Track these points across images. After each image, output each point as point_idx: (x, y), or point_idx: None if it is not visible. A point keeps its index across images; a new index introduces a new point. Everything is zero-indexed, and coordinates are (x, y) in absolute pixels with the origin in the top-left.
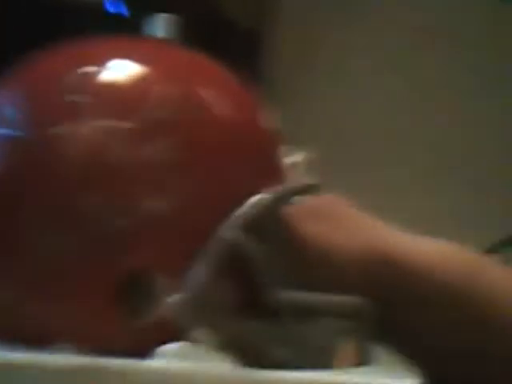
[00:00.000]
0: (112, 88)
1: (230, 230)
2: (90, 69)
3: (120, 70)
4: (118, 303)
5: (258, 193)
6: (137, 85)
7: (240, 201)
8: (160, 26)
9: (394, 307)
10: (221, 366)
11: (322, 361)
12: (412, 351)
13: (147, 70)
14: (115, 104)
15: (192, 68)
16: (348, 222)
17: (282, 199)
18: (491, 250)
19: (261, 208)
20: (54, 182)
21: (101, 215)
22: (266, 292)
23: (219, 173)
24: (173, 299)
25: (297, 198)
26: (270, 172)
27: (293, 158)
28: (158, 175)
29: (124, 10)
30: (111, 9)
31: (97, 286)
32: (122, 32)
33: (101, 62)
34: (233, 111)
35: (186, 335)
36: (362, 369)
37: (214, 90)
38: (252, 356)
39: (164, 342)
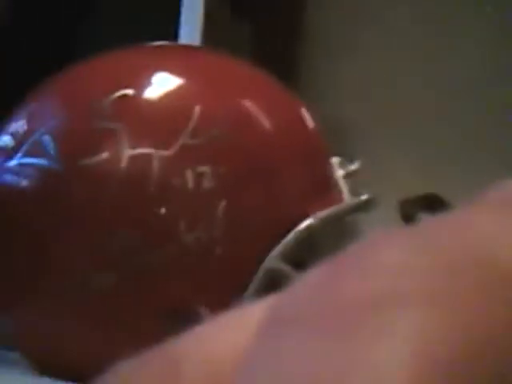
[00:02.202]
0: (148, 113)
1: (275, 261)
2: (125, 91)
3: (155, 91)
4: (161, 339)
5: (307, 216)
6: (175, 108)
7: (288, 227)
8: None
9: None
10: None
11: None
12: None
13: (185, 88)
14: (153, 130)
15: (234, 82)
16: None
17: (331, 222)
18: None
19: (307, 235)
20: (91, 217)
21: (141, 251)
22: None
23: (267, 199)
24: None
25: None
26: (322, 188)
27: (344, 169)
28: (201, 205)
29: None
30: None
31: (140, 323)
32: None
33: (134, 81)
34: (280, 127)
35: None
36: None
37: (260, 106)
38: None
39: None
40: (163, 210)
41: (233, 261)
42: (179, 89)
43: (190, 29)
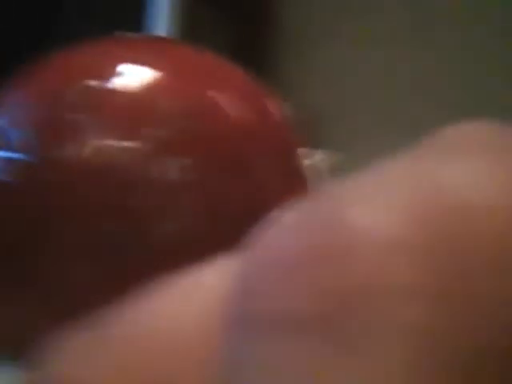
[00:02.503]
0: (116, 103)
1: None
2: (92, 82)
3: (124, 82)
4: None
5: (279, 207)
6: (143, 99)
7: (256, 218)
8: None
9: None
10: None
11: None
12: None
13: (153, 79)
14: (118, 121)
15: (202, 72)
16: None
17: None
18: None
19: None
20: (57, 210)
21: (114, 244)
22: None
23: (236, 190)
24: None
25: None
26: (292, 179)
27: (313, 159)
28: (169, 198)
29: None
30: None
31: None
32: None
33: (102, 72)
34: (249, 118)
35: None
36: None
37: (228, 97)
38: None
39: None
40: (130, 203)
41: (200, 253)
42: (145, 80)
43: (159, 19)
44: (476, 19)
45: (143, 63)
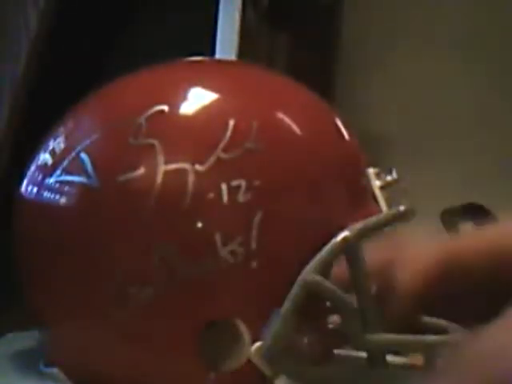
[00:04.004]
0: (183, 128)
1: (310, 273)
2: (160, 107)
3: (190, 106)
4: (199, 353)
5: (344, 228)
6: (210, 123)
7: (324, 239)
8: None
9: None
10: None
11: None
12: None
13: (219, 102)
14: (188, 145)
15: (267, 92)
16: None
17: (368, 233)
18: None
19: (344, 247)
20: (127, 233)
21: (178, 264)
22: (350, 336)
23: (303, 212)
24: (254, 347)
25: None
26: (358, 200)
27: (380, 180)
28: (236, 218)
29: None
30: None
31: (177, 338)
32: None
33: (169, 97)
34: (323, 141)
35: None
36: None
37: (302, 118)
38: None
39: None
40: (199, 224)
41: (269, 274)
42: (213, 103)
43: (227, 45)
44: None
45: (210, 86)
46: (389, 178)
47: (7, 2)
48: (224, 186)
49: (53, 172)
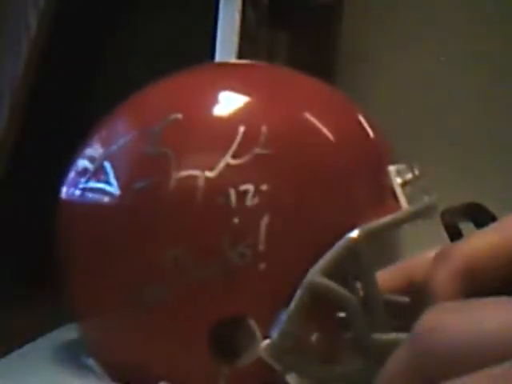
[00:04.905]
0: (195, 135)
1: (316, 274)
2: (175, 115)
3: (202, 113)
4: (211, 351)
5: (355, 227)
6: (220, 129)
7: (334, 240)
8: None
9: None
10: None
11: None
12: None
13: (230, 108)
14: (199, 152)
15: (284, 97)
16: None
17: (377, 234)
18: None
19: (350, 248)
20: (145, 236)
21: (190, 266)
22: (356, 334)
23: (312, 214)
24: (263, 345)
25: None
26: (381, 200)
27: (402, 176)
28: (244, 222)
29: None
30: None
31: (190, 336)
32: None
33: (183, 105)
34: (348, 136)
35: (278, 380)
36: None
37: (327, 117)
38: None
39: None
40: (208, 228)
41: (277, 275)
42: (225, 109)
43: (227, 45)
44: None
45: (225, 92)
46: (410, 175)
47: (7, 2)
48: (232, 191)
49: (84, 178)
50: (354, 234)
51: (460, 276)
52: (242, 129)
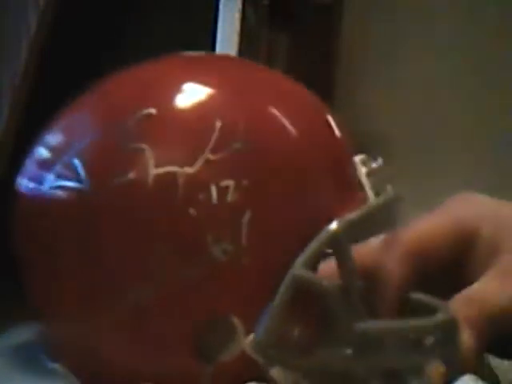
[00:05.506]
0: (172, 131)
1: (299, 267)
2: (149, 110)
3: (178, 108)
4: (196, 350)
5: (333, 219)
6: (197, 124)
7: (314, 232)
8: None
9: None
10: None
11: None
12: None
13: (207, 102)
14: (177, 148)
15: (253, 89)
16: None
17: (356, 225)
18: None
19: (331, 240)
20: (121, 236)
21: (172, 264)
22: (340, 325)
23: (291, 207)
24: (248, 340)
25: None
26: (348, 191)
27: (367, 167)
28: (226, 217)
29: None
30: None
31: (174, 334)
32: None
33: (158, 98)
34: (304, 135)
35: (263, 375)
36: None
37: (290, 113)
38: None
39: None
40: (190, 225)
41: (261, 269)
42: (200, 103)
43: (227, 45)
44: None
45: (199, 85)
46: (374, 164)
47: (7, 1)
48: (213, 187)
49: (47, 174)
50: (334, 225)
51: (408, 260)
52: (218, 123)
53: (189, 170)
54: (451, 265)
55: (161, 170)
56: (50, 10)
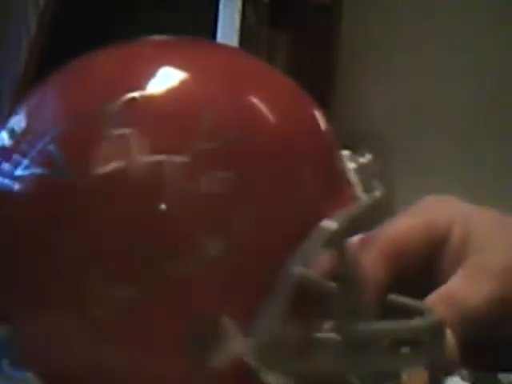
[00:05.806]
0: (158, 117)
1: (294, 265)
2: (133, 94)
3: (164, 93)
4: (188, 351)
5: (323, 217)
6: (185, 111)
7: (307, 229)
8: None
9: None
10: None
11: None
12: None
13: (196, 87)
14: (164, 135)
15: (245, 80)
16: None
17: (353, 222)
18: None
19: (326, 238)
20: (106, 227)
21: (164, 263)
22: (338, 325)
23: (284, 202)
24: (242, 343)
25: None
26: (336, 186)
27: (354, 162)
28: (216, 212)
29: None
30: None
31: (164, 336)
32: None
33: (142, 82)
34: (296, 127)
35: (258, 379)
36: None
37: (275, 105)
38: None
39: None
40: (177, 218)
41: (252, 266)
42: (186, 91)
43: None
44: None
45: (185, 71)
46: (362, 159)
47: (7, 2)
48: (203, 178)
49: (13, 159)
50: (333, 223)
51: (385, 259)
52: (205, 113)
53: (177, 158)
54: (424, 266)
55: (147, 159)
56: (49, 10)
